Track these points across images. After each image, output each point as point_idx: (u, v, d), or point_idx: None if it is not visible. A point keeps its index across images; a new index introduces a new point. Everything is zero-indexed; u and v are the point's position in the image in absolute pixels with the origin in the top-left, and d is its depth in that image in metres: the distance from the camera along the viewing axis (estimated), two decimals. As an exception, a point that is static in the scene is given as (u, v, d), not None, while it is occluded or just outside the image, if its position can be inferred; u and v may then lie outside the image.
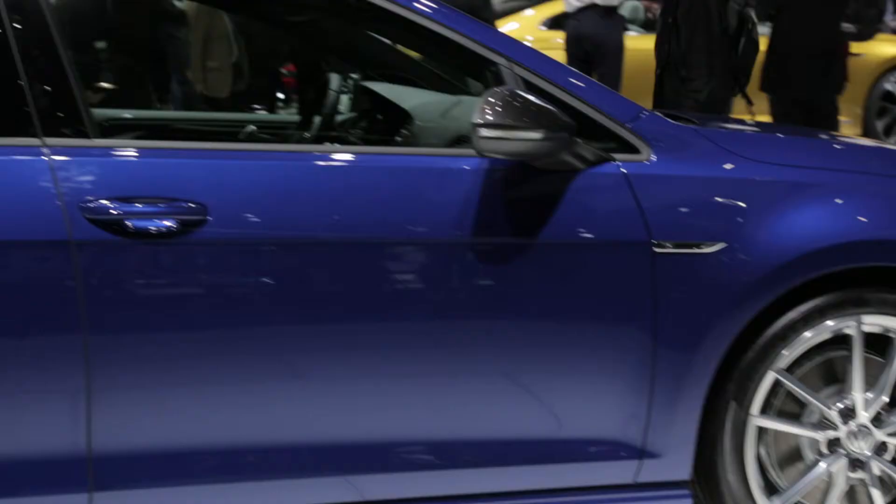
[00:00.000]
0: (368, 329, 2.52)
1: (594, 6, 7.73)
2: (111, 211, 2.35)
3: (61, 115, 2.41)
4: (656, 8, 7.97)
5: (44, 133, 2.37)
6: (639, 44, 8.10)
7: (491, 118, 2.42)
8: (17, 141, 2.36)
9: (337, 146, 3.11)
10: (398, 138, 3.14)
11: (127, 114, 3.94)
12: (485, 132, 2.42)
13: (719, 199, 2.65)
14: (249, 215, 2.44)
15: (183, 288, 2.43)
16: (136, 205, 2.37)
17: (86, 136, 2.41)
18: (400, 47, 3.54)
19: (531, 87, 2.59)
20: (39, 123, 2.37)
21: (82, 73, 2.67)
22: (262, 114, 7.35)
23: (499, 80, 2.62)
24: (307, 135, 3.57)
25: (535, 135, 2.43)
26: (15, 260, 2.33)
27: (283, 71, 8.72)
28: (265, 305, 2.46)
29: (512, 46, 2.68)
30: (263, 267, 2.46)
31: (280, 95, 8.87)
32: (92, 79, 6.58)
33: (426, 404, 2.57)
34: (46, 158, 2.35)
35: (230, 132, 3.69)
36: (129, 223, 2.35)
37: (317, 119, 3.59)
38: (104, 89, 6.75)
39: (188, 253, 2.41)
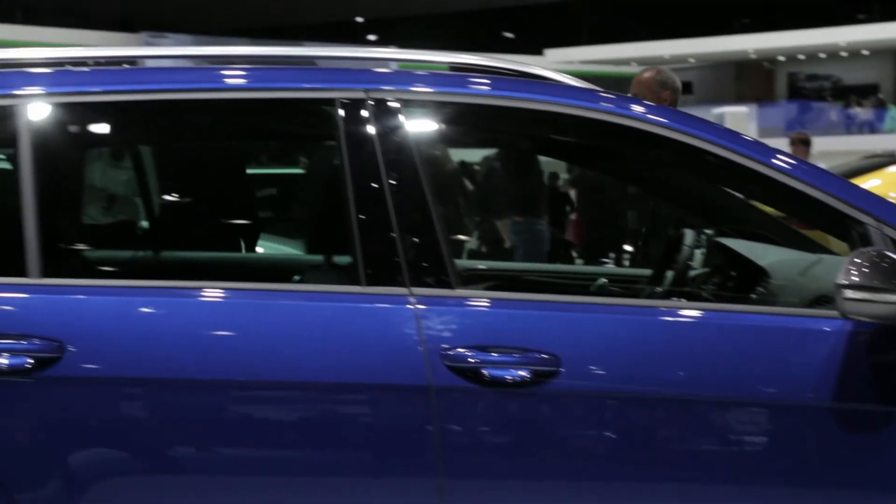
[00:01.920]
0: (714, 490, 2.45)
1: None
2: (469, 359, 2.43)
3: (427, 265, 2.53)
4: None
5: (411, 283, 2.51)
6: None
7: (857, 279, 2.33)
8: (388, 290, 2.51)
9: (689, 302, 3.08)
10: (753, 296, 3.07)
11: (481, 265, 4.09)
12: (850, 294, 2.33)
13: None
14: (601, 369, 2.45)
15: (531, 438, 2.46)
16: (493, 354, 2.44)
17: (449, 286, 2.52)
18: (755, 203, 3.49)
19: None
20: (408, 273, 2.51)
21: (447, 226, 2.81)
22: (610, 266, 7.41)
23: (865, 240, 2.52)
24: (658, 289, 3.57)
25: None
26: (379, 402, 2.45)
27: (631, 224, 8.80)
28: (609, 459, 2.45)
29: (879, 205, 2.58)
30: (609, 420, 2.45)
31: (627, 248, 8.93)
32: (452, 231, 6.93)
33: None
34: (412, 307, 2.48)
35: (579, 284, 3.74)
36: (485, 371, 2.42)
37: (669, 273, 3.58)
38: (462, 241, 7.08)
39: (539, 403, 2.45)
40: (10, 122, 2.59)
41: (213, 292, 2.55)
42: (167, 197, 4.18)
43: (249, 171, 4.39)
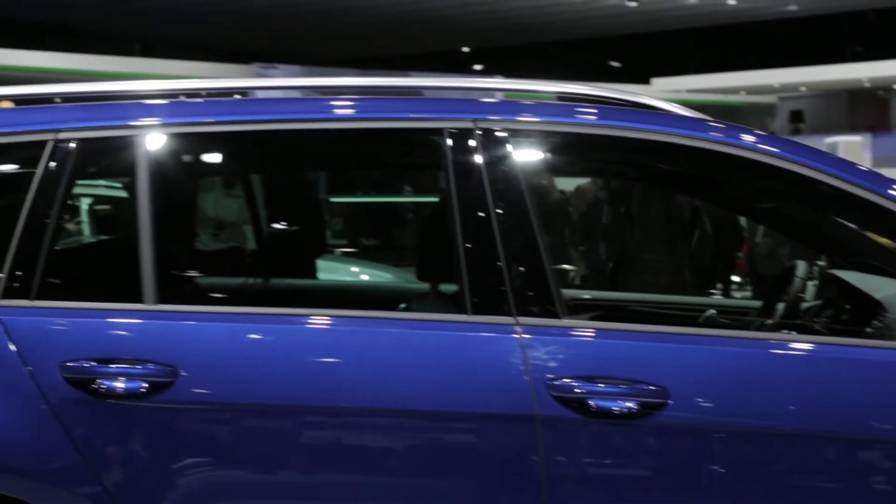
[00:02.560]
0: None
1: None
2: (575, 389, 2.41)
3: (533, 294, 2.53)
4: None
5: (517, 312, 2.50)
6: None
7: None
8: (494, 319, 2.51)
9: (801, 335, 3.02)
10: (867, 329, 2.99)
11: (586, 294, 4.06)
12: None
13: None
14: (709, 401, 2.42)
15: (636, 470, 2.44)
16: (599, 385, 2.42)
17: (555, 315, 2.52)
18: (870, 234, 3.40)
19: None
20: (514, 302, 2.51)
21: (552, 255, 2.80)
22: (718, 298, 7.30)
23: None
24: (769, 321, 3.50)
25: None
26: (484, 431, 2.45)
27: (739, 254, 8.68)
28: (716, 493, 2.42)
29: None
30: (717, 454, 2.42)
31: (735, 279, 8.81)
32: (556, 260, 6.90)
33: None
34: (518, 336, 2.47)
35: (687, 315, 3.69)
36: (591, 402, 2.40)
37: (780, 305, 3.52)
38: (567, 270, 7.05)
39: (646, 435, 2.42)
40: (129, 152, 2.67)
41: (320, 319, 2.58)
42: (276, 225, 4.25)
43: (357, 199, 4.44)
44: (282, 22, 20.16)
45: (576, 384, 2.42)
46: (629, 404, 2.40)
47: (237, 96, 3.19)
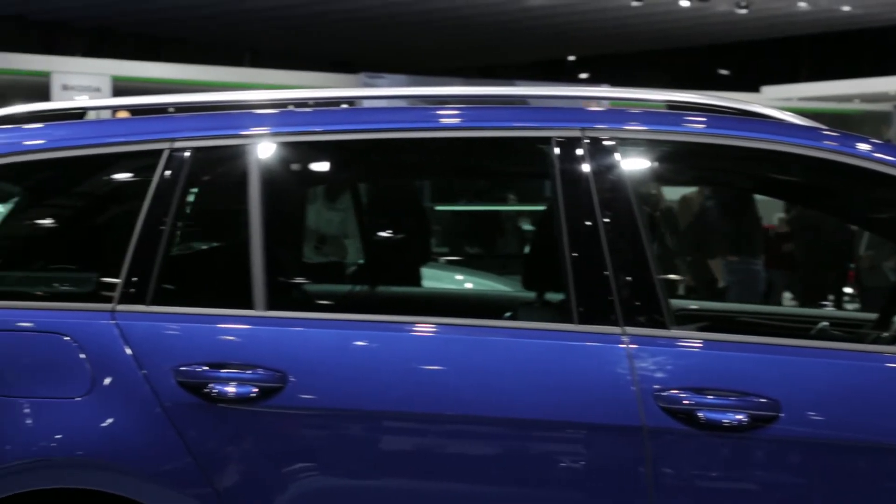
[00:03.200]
0: None
1: None
2: (684, 401, 2.38)
3: (641, 304, 2.51)
4: None
5: (624, 322, 2.48)
6: None
7: None
8: (600, 328, 2.49)
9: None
10: None
11: (693, 304, 4.01)
12: None
13: None
14: (822, 415, 2.37)
15: (745, 483, 2.41)
16: (708, 396, 2.39)
17: (663, 326, 2.49)
18: None
19: None
20: (621, 312, 2.49)
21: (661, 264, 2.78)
22: (829, 309, 7.15)
23: None
24: (884, 334, 3.41)
25: None
26: (590, 441, 2.44)
27: (851, 265, 8.49)
28: None
29: None
30: (828, 468, 2.37)
31: (847, 291, 8.61)
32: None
33: None
34: (625, 346, 2.45)
35: (797, 327, 3.62)
36: (700, 414, 2.37)
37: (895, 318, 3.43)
38: (673, 280, 6.97)
39: (756, 448, 2.39)
40: (240, 160, 2.72)
41: (425, 327, 2.59)
42: (382, 233, 4.29)
43: (463, 208, 4.46)
44: (388, 32, 20.34)
45: (684, 395, 2.39)
46: (739, 417, 2.37)
47: (345, 106, 3.23)
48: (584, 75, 26.87)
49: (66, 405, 2.54)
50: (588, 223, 2.55)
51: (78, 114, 3.04)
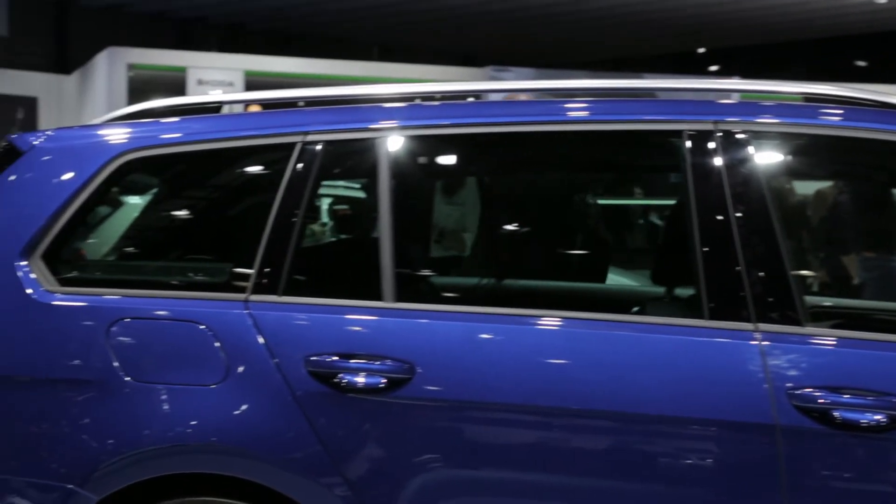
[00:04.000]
0: None
1: None
2: (819, 400, 2.33)
3: (774, 300, 2.45)
4: None
5: (757, 318, 2.43)
6: None
7: None
8: (732, 325, 2.45)
9: None
10: None
11: (827, 301, 3.91)
12: None
13: None
14: None
15: (881, 485, 2.36)
16: (845, 395, 2.33)
17: (797, 322, 2.43)
18: None
19: None
20: (753, 308, 2.44)
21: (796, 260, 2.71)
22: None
23: None
24: None
25: None
26: (721, 438, 2.39)
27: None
28: None
29: None
30: None
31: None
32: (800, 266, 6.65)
33: None
34: (757, 343, 2.40)
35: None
36: (836, 413, 2.32)
37: None
38: (806, 276, 6.80)
39: (892, 449, 2.33)
40: (370, 153, 2.75)
41: (552, 321, 2.58)
42: (508, 226, 4.28)
43: (590, 201, 4.42)
44: (514, 26, 20.30)
45: (819, 394, 2.34)
46: (878, 417, 2.30)
47: (471, 99, 3.23)
48: (714, 67, 26.40)
49: (202, 392, 2.60)
50: (720, 217, 2.51)
51: (214, 108, 3.11)
